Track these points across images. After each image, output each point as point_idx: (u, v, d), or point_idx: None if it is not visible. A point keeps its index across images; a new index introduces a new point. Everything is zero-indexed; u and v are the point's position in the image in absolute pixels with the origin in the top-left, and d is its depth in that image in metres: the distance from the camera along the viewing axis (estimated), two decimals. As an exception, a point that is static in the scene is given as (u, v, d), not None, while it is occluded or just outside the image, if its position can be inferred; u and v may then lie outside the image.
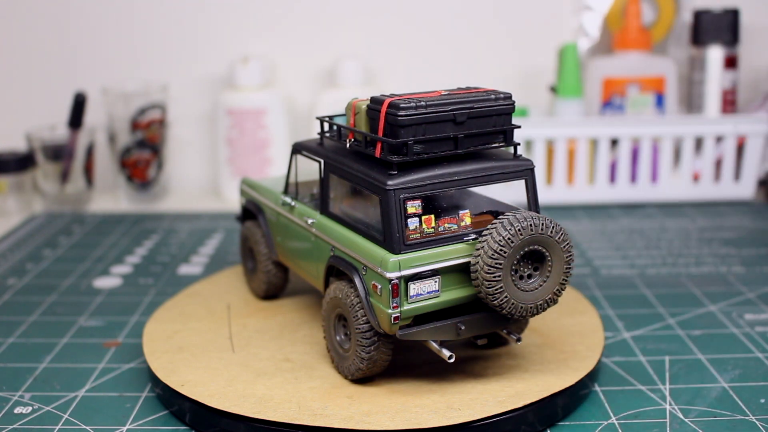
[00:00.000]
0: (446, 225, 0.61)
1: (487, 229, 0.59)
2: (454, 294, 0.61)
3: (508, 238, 0.58)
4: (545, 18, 1.36)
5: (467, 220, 0.62)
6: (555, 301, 0.62)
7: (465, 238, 0.61)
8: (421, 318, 0.61)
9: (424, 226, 0.60)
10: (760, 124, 1.18)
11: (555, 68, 1.29)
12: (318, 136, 0.72)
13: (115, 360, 0.74)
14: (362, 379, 0.64)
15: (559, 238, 0.60)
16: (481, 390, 0.62)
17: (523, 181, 0.64)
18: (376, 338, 0.62)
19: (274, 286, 0.80)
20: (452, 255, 0.60)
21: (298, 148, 0.73)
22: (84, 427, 0.62)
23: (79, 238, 1.11)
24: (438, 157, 0.62)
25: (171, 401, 0.64)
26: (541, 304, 0.61)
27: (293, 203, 0.73)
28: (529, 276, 0.61)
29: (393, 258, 0.58)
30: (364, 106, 0.63)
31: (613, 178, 1.24)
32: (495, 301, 0.59)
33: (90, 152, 1.28)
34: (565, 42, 1.23)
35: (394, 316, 0.59)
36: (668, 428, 0.60)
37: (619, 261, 0.97)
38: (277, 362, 0.67)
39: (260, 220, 0.80)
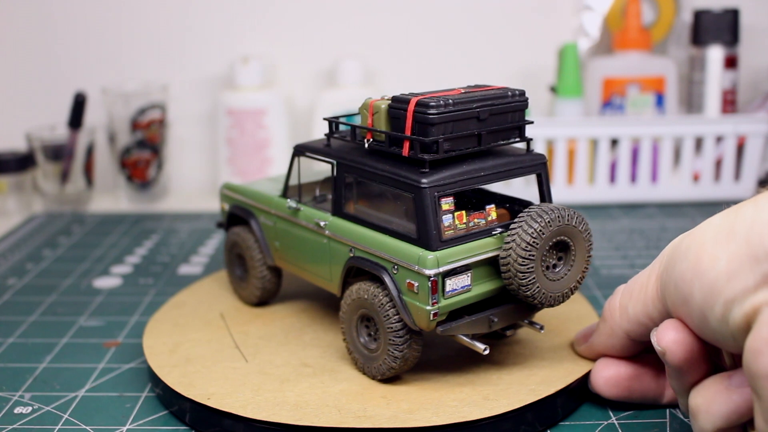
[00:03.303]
0: (475, 220, 0.62)
1: (515, 222, 0.60)
2: (483, 288, 0.62)
3: (540, 230, 0.59)
4: (545, 18, 1.36)
5: (493, 215, 0.64)
6: (577, 289, 0.64)
7: (492, 232, 0.62)
8: (452, 313, 0.62)
9: (456, 221, 0.61)
10: (760, 124, 1.18)
11: (555, 68, 1.29)
12: (320, 137, 0.71)
13: (115, 360, 0.74)
14: (388, 378, 0.64)
15: (582, 227, 0.62)
16: (508, 381, 0.63)
17: (537, 175, 0.66)
18: (408, 336, 0.62)
19: (269, 292, 0.79)
20: (483, 249, 0.61)
21: (300, 150, 0.72)
22: (84, 427, 0.62)
23: (79, 238, 1.11)
24: (463, 155, 0.63)
25: (171, 401, 0.64)
26: (566, 293, 0.63)
27: (297, 206, 0.72)
28: (554, 266, 0.62)
29: (431, 255, 0.59)
30: (383, 106, 0.63)
31: (613, 178, 1.24)
32: (528, 292, 0.60)
33: (90, 152, 1.28)
34: (565, 42, 1.23)
35: (433, 312, 0.59)
36: (668, 428, 0.60)
37: (619, 261, 0.97)
38: (296, 368, 0.66)
39: (253, 225, 0.78)
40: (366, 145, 0.65)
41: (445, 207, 0.60)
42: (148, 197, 1.30)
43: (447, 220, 0.60)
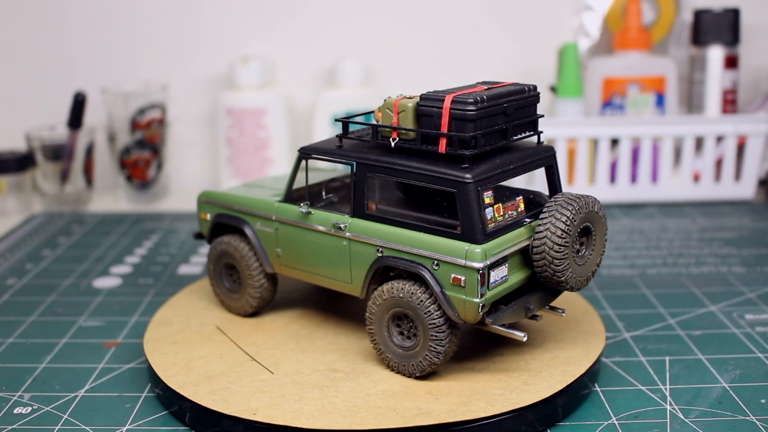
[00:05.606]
0: (509, 212, 0.64)
1: (545, 211, 0.62)
2: (516, 277, 0.64)
3: (572, 217, 0.61)
4: (545, 18, 1.36)
5: (522, 206, 0.65)
6: (597, 272, 0.67)
7: (523, 223, 0.64)
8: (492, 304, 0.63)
9: (495, 214, 0.62)
10: (760, 124, 1.18)
11: (555, 68, 1.29)
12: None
13: (115, 360, 0.74)
14: (425, 375, 0.64)
15: (601, 213, 0.65)
16: (537, 366, 0.65)
17: (550, 166, 0.69)
18: (450, 331, 0.63)
19: (265, 301, 0.77)
20: (518, 239, 0.63)
21: (307, 153, 0.70)
22: (84, 427, 0.62)
23: (78, 238, 1.11)
24: (492, 149, 0.64)
25: (171, 401, 0.64)
26: (589, 276, 0.66)
27: (308, 210, 0.70)
28: (577, 251, 0.64)
29: (478, 248, 0.60)
30: (410, 104, 0.63)
31: (613, 178, 1.24)
32: (562, 278, 0.62)
33: (90, 152, 1.28)
34: (565, 42, 1.23)
35: (481, 304, 0.60)
36: (668, 428, 0.60)
37: (619, 261, 0.97)
38: (326, 373, 0.65)
39: (247, 233, 0.75)
40: (392, 144, 0.65)
41: (487, 200, 0.61)
42: (147, 197, 1.30)
43: (489, 213, 0.61)
